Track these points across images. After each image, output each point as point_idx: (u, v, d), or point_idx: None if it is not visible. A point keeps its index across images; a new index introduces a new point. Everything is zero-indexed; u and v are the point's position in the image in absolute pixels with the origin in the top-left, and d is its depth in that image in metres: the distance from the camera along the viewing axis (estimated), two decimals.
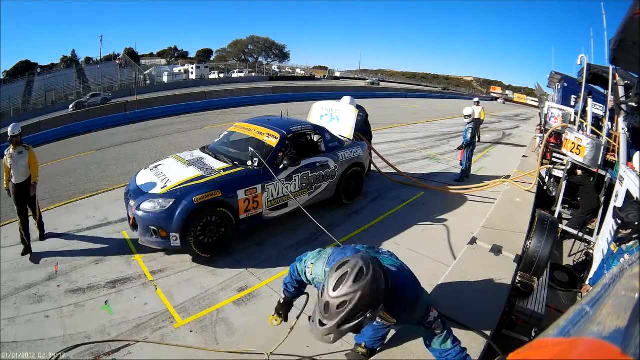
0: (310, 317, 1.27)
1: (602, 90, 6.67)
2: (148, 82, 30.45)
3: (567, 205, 5.69)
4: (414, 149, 9.45)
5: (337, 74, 56.87)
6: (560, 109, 6.52)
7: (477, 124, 10.95)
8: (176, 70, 38.23)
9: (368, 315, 1.19)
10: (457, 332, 2.04)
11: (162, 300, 3.09)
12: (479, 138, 11.08)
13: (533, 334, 2.57)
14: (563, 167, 5.25)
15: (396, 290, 1.39)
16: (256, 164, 3.90)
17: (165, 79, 32.16)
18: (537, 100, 20.33)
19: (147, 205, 3.39)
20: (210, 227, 3.55)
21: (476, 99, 11.82)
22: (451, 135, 12.24)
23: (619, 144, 4.29)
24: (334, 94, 16.77)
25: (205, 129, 11.48)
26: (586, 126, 5.93)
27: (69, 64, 43.92)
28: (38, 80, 34.00)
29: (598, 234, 4.34)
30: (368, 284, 1.18)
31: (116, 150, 8.99)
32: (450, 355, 1.47)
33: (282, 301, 2.01)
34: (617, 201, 3.51)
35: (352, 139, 5.31)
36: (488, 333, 1.99)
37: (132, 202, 3.54)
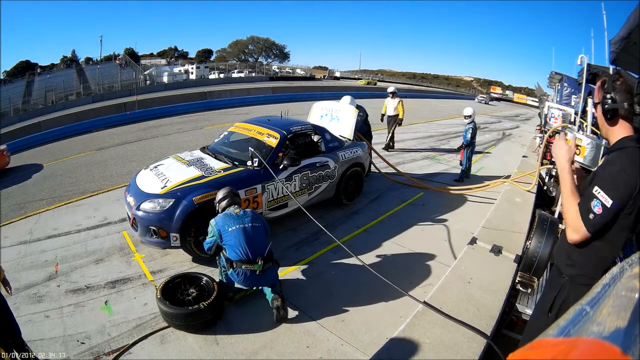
0: None
1: None
2: (148, 82, 30.38)
3: None
4: (414, 149, 9.45)
5: (337, 74, 56.75)
6: (560, 109, 6.52)
7: (392, 122, 8.70)
8: (176, 70, 38.14)
9: None
10: (457, 331, 2.05)
11: None
12: (393, 144, 8.87)
13: None
14: None
15: None
16: (256, 164, 3.90)
17: (165, 79, 32.09)
18: (537, 100, 20.31)
19: (147, 206, 3.39)
20: None
21: (391, 89, 9.04)
22: (451, 135, 12.24)
23: None
24: (334, 94, 16.77)
25: (205, 129, 11.48)
26: (586, 126, 5.93)
27: (69, 64, 43.96)
28: (38, 81, 33.96)
29: None
30: None
31: (116, 150, 8.99)
32: None
33: None
34: None
35: (352, 139, 5.31)
36: (488, 333, 1.99)
37: (132, 202, 3.54)
